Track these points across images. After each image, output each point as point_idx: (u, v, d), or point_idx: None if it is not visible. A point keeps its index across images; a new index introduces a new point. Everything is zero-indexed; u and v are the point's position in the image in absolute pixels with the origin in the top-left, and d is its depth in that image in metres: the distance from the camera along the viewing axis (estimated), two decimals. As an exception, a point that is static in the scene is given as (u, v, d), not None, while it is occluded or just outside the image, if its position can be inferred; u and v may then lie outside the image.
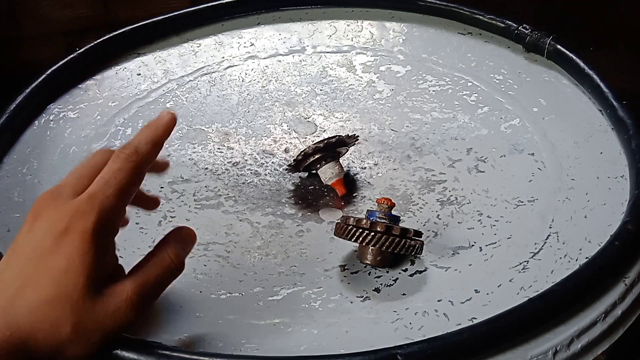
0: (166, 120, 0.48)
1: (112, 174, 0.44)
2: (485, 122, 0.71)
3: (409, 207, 0.62)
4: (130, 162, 0.45)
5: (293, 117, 0.74)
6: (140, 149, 0.46)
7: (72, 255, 0.42)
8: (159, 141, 0.48)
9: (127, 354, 0.46)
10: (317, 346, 0.50)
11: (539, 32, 0.78)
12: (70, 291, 0.42)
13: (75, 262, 0.42)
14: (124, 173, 0.45)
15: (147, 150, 0.46)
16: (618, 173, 0.63)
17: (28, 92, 0.73)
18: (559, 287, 0.50)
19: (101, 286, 0.44)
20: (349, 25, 0.87)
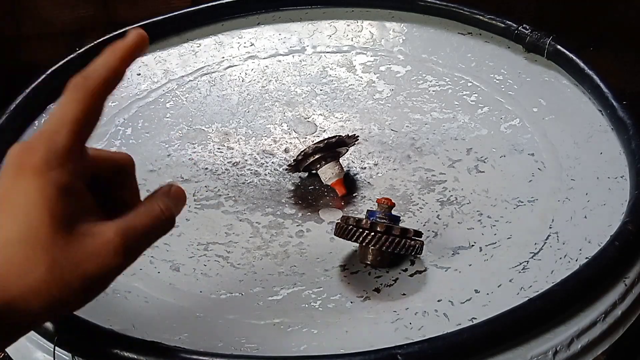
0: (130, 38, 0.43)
1: (61, 107, 0.40)
2: (485, 122, 0.71)
3: (409, 207, 0.62)
4: (79, 90, 0.41)
5: (293, 117, 0.74)
6: (92, 74, 0.41)
7: (28, 190, 0.39)
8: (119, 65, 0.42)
9: (127, 354, 0.46)
10: (317, 346, 0.50)
11: (539, 32, 0.78)
12: (36, 228, 0.38)
13: (33, 197, 0.38)
14: (74, 104, 0.40)
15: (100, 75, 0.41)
16: (618, 173, 0.63)
17: (28, 92, 0.73)
18: (559, 287, 0.50)
19: (74, 225, 0.39)
20: (349, 25, 0.87)
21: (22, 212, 0.38)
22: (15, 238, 0.38)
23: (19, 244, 0.38)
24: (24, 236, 0.38)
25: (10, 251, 0.38)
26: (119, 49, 0.42)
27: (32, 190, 0.38)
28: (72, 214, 0.40)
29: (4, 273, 0.38)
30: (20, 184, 0.39)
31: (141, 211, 0.43)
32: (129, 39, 0.43)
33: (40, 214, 0.38)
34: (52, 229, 0.38)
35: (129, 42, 0.43)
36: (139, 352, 0.46)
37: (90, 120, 0.41)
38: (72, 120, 0.40)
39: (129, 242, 0.41)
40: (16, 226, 0.38)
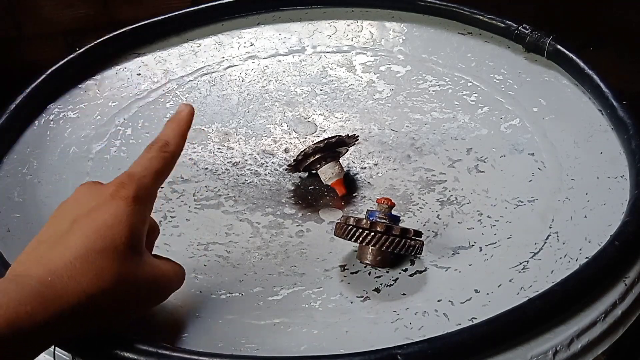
0: (187, 112, 0.53)
1: (147, 160, 0.49)
2: (485, 122, 0.71)
3: (409, 207, 0.62)
4: (162, 152, 0.50)
5: (293, 117, 0.74)
6: (170, 141, 0.51)
7: (118, 213, 0.46)
8: (185, 134, 0.52)
9: (127, 354, 0.46)
10: (317, 346, 0.50)
11: (539, 32, 0.78)
12: (117, 244, 0.45)
13: (121, 219, 0.46)
14: (158, 160, 0.50)
15: (176, 142, 0.51)
16: (618, 173, 0.63)
17: (28, 92, 0.73)
18: (559, 287, 0.50)
19: (143, 251, 0.48)
20: (349, 25, 0.87)
21: (109, 229, 0.45)
22: (98, 248, 0.45)
23: (100, 254, 0.44)
24: (105, 248, 0.45)
25: (89, 259, 0.44)
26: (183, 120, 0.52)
27: (121, 214, 0.46)
28: (141, 241, 0.48)
29: (79, 276, 0.43)
30: (111, 207, 0.46)
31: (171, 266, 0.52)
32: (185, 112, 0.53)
33: (123, 234, 0.46)
34: (129, 248, 0.46)
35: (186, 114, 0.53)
36: (139, 352, 0.46)
37: (166, 176, 0.51)
38: (157, 171, 0.49)
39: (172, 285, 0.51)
40: (101, 240, 0.45)
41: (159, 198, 0.63)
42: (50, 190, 0.65)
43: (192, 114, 0.53)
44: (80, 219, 0.46)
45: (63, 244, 0.45)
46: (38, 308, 0.41)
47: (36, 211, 0.62)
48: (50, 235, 0.46)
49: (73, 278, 0.43)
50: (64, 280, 0.43)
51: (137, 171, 0.49)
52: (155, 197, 0.50)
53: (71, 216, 0.47)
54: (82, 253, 0.44)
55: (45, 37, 1.19)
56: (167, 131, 0.52)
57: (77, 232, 0.45)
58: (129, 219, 0.46)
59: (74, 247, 0.44)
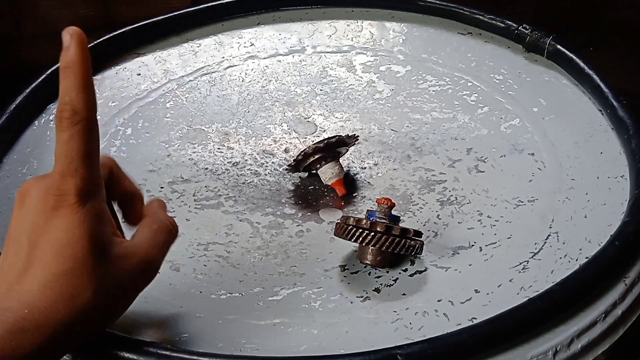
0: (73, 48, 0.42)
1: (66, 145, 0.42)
2: (485, 122, 0.71)
3: (409, 207, 0.62)
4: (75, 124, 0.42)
5: (293, 117, 0.74)
6: (77, 104, 0.42)
7: (69, 228, 0.42)
8: (86, 79, 0.42)
9: (127, 354, 0.46)
10: (317, 346, 0.50)
11: (539, 32, 0.78)
12: (81, 259, 0.42)
13: (74, 233, 0.42)
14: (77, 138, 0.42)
15: (84, 103, 0.42)
16: (618, 173, 0.63)
17: (28, 92, 0.73)
18: (559, 287, 0.50)
19: (111, 250, 0.44)
20: (349, 25, 0.87)
21: (65, 247, 0.42)
22: (61, 271, 0.42)
23: (66, 276, 0.42)
24: (69, 268, 0.42)
25: (59, 283, 0.42)
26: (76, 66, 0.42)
27: (71, 226, 0.42)
28: (107, 239, 0.44)
29: (55, 303, 0.41)
30: (59, 222, 0.42)
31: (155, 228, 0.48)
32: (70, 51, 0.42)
33: (83, 246, 0.42)
34: (95, 257, 0.42)
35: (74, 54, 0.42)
36: (139, 352, 0.46)
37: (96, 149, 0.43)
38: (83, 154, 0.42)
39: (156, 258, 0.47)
40: (62, 261, 0.42)
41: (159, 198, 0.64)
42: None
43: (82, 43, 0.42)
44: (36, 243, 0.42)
45: (29, 274, 0.42)
46: (24, 342, 0.40)
47: (36, 211, 0.62)
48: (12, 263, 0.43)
49: (49, 307, 0.41)
50: (41, 311, 0.41)
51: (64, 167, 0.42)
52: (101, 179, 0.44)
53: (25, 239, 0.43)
54: (50, 279, 0.41)
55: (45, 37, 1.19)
56: (67, 88, 0.42)
57: (37, 259, 0.42)
58: (81, 229, 0.42)
59: (40, 275, 0.42)
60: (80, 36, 0.42)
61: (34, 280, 0.42)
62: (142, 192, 0.52)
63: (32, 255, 0.42)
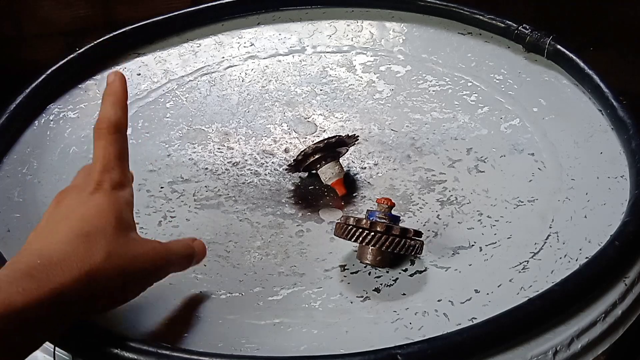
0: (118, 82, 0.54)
1: (103, 149, 0.51)
2: (485, 122, 0.71)
3: (409, 207, 0.62)
4: (110, 133, 0.51)
5: (293, 117, 0.74)
6: (112, 118, 0.52)
7: (100, 204, 0.48)
8: (123, 104, 0.53)
9: (127, 354, 0.46)
10: (317, 346, 0.50)
11: (539, 32, 0.78)
12: (104, 227, 0.47)
13: (103, 208, 0.48)
14: (111, 143, 0.51)
15: (118, 117, 0.52)
16: (618, 173, 0.63)
17: (28, 92, 0.73)
18: (559, 287, 0.50)
19: (130, 232, 0.49)
20: (349, 25, 0.87)
21: (92, 216, 0.48)
22: (83, 233, 0.46)
23: (84, 236, 0.46)
24: (89, 232, 0.47)
25: (77, 242, 0.46)
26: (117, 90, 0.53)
27: (102, 204, 0.49)
28: (130, 223, 0.50)
29: (68, 259, 0.45)
30: (91, 200, 0.49)
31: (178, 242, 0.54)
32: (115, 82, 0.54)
33: (108, 219, 0.48)
34: (115, 229, 0.48)
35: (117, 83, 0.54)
36: (139, 352, 0.46)
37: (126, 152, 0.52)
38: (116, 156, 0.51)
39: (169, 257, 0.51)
40: (85, 225, 0.47)
41: (159, 198, 0.64)
42: (50, 190, 0.65)
43: (124, 80, 0.54)
44: (67, 213, 0.48)
45: (51, 232, 0.47)
46: (30, 288, 0.42)
47: (36, 211, 0.62)
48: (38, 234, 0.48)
49: (63, 260, 0.44)
50: (53, 262, 0.44)
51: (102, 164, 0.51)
52: (132, 178, 0.53)
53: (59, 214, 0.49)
54: (71, 237, 0.46)
55: (45, 37, 1.19)
56: (106, 107, 0.53)
57: (64, 222, 0.47)
58: (110, 207, 0.49)
59: (62, 234, 0.46)
60: (123, 77, 0.54)
61: (55, 237, 0.46)
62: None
63: (59, 220, 0.48)
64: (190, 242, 0.54)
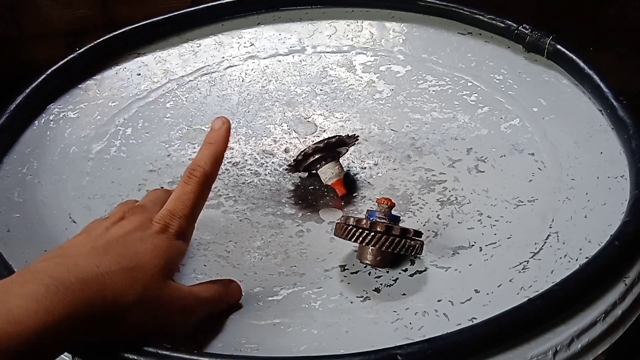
0: (224, 131, 0.54)
1: (187, 195, 0.51)
2: (485, 122, 0.71)
3: (409, 207, 0.62)
4: (200, 184, 0.52)
5: (293, 117, 0.74)
6: (207, 170, 0.52)
7: (158, 245, 0.49)
8: (221, 158, 0.54)
9: (127, 354, 0.46)
10: (317, 346, 0.50)
11: (539, 32, 0.78)
12: (150, 268, 0.47)
13: (159, 249, 0.48)
14: (196, 194, 0.51)
15: (212, 170, 0.53)
16: (618, 173, 0.63)
17: (28, 92, 0.73)
18: (559, 287, 0.50)
19: (171, 277, 0.49)
20: (349, 25, 0.87)
21: (145, 255, 0.48)
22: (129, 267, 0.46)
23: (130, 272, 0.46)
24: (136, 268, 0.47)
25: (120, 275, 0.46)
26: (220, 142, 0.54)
27: (161, 246, 0.49)
28: (172, 272, 0.50)
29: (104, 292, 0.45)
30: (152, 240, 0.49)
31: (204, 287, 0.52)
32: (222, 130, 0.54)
33: (157, 260, 0.48)
34: (158, 271, 0.48)
35: (223, 133, 0.54)
36: (139, 352, 0.46)
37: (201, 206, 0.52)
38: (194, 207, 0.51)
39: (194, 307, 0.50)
40: (134, 261, 0.47)
41: (159, 198, 0.64)
42: (50, 190, 0.65)
43: (229, 131, 0.54)
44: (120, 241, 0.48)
45: (99, 259, 0.46)
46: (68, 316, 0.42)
47: (36, 211, 0.62)
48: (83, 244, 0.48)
49: (100, 291, 0.44)
50: (92, 291, 0.44)
51: (178, 209, 0.51)
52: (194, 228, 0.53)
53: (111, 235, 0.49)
54: (115, 268, 0.46)
55: (45, 37, 1.19)
56: (205, 155, 0.53)
57: (116, 253, 0.47)
58: (167, 252, 0.49)
59: (109, 263, 0.46)
60: (229, 125, 0.54)
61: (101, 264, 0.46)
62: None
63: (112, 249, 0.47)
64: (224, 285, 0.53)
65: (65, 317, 0.42)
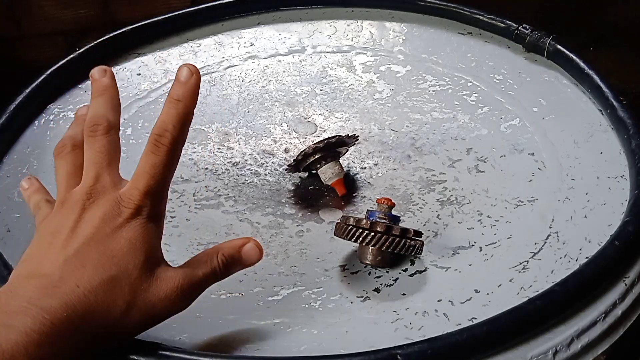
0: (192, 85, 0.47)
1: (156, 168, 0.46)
2: (485, 122, 0.71)
3: (409, 207, 0.62)
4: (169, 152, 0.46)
5: (293, 117, 0.74)
6: (176, 135, 0.46)
7: (133, 239, 0.45)
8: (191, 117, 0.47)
9: (128, 354, 0.46)
10: (317, 346, 0.50)
11: (539, 32, 0.78)
12: (131, 269, 0.44)
13: (136, 245, 0.45)
14: (165, 165, 0.46)
15: (182, 135, 0.47)
16: (618, 173, 0.63)
17: (28, 92, 0.73)
18: (559, 287, 0.50)
19: (155, 268, 0.46)
20: (349, 25, 0.87)
21: (124, 256, 0.44)
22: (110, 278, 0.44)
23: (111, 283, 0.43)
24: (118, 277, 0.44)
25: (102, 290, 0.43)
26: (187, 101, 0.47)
27: (136, 240, 0.45)
28: (159, 257, 0.46)
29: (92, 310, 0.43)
30: (125, 233, 0.45)
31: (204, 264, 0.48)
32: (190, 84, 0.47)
33: (136, 258, 0.44)
34: (142, 272, 0.45)
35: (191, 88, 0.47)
36: (139, 352, 0.46)
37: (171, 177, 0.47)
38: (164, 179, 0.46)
39: (192, 289, 0.47)
40: (115, 268, 0.44)
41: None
42: (50, 190, 0.65)
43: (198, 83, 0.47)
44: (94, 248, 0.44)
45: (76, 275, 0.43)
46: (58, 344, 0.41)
47: (36, 211, 0.62)
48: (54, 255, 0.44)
49: (86, 313, 0.42)
50: (78, 315, 0.42)
51: (149, 185, 0.46)
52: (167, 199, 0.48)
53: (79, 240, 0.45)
54: (97, 284, 0.43)
55: (45, 37, 1.19)
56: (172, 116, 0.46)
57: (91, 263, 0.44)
58: (144, 243, 0.45)
59: (89, 279, 0.43)
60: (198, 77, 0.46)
61: (80, 282, 0.43)
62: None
63: (84, 258, 0.44)
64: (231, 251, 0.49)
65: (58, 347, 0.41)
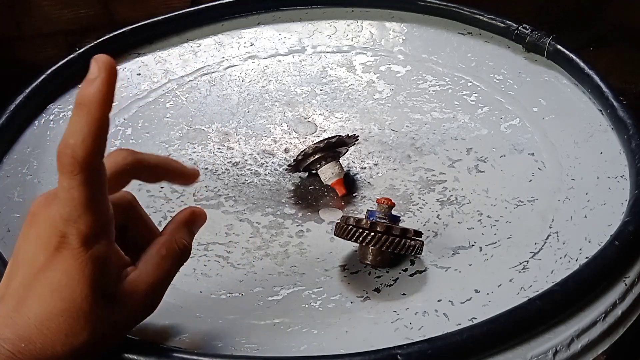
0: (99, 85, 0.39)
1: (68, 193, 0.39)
2: (485, 122, 0.71)
3: (409, 207, 0.62)
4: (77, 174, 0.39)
5: (293, 117, 0.74)
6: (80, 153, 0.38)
7: (69, 271, 0.41)
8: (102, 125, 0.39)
9: (127, 354, 0.46)
10: (317, 346, 0.50)
11: (539, 32, 0.78)
12: (80, 303, 0.41)
13: (73, 277, 0.41)
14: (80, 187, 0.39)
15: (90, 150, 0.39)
16: (618, 173, 0.63)
17: (28, 92, 0.73)
18: (559, 287, 0.50)
19: (112, 291, 0.43)
20: (349, 25, 0.87)
21: (64, 289, 0.41)
22: (58, 311, 0.41)
23: (63, 316, 0.41)
24: (67, 309, 0.41)
25: (54, 323, 0.41)
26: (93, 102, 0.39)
27: (71, 270, 0.41)
28: (110, 282, 0.43)
29: (51, 341, 0.41)
30: (58, 264, 0.41)
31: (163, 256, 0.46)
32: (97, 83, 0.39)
33: (82, 290, 0.41)
34: (94, 300, 0.41)
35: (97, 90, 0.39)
36: (139, 352, 0.46)
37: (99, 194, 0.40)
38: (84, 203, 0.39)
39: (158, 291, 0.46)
40: (60, 301, 0.41)
41: (159, 198, 0.64)
42: (50, 190, 0.65)
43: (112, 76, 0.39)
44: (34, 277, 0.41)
45: (26, 308, 0.41)
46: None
47: (36, 211, 0.62)
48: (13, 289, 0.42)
49: (46, 344, 0.41)
50: (37, 347, 0.41)
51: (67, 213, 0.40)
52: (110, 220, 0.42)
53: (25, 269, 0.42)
54: (46, 317, 0.41)
55: (45, 37, 1.19)
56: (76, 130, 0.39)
57: (34, 294, 0.41)
58: (81, 274, 0.41)
59: (37, 311, 0.41)
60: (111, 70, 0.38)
61: (30, 314, 0.41)
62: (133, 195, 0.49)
63: (29, 288, 0.41)
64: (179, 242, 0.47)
65: None
